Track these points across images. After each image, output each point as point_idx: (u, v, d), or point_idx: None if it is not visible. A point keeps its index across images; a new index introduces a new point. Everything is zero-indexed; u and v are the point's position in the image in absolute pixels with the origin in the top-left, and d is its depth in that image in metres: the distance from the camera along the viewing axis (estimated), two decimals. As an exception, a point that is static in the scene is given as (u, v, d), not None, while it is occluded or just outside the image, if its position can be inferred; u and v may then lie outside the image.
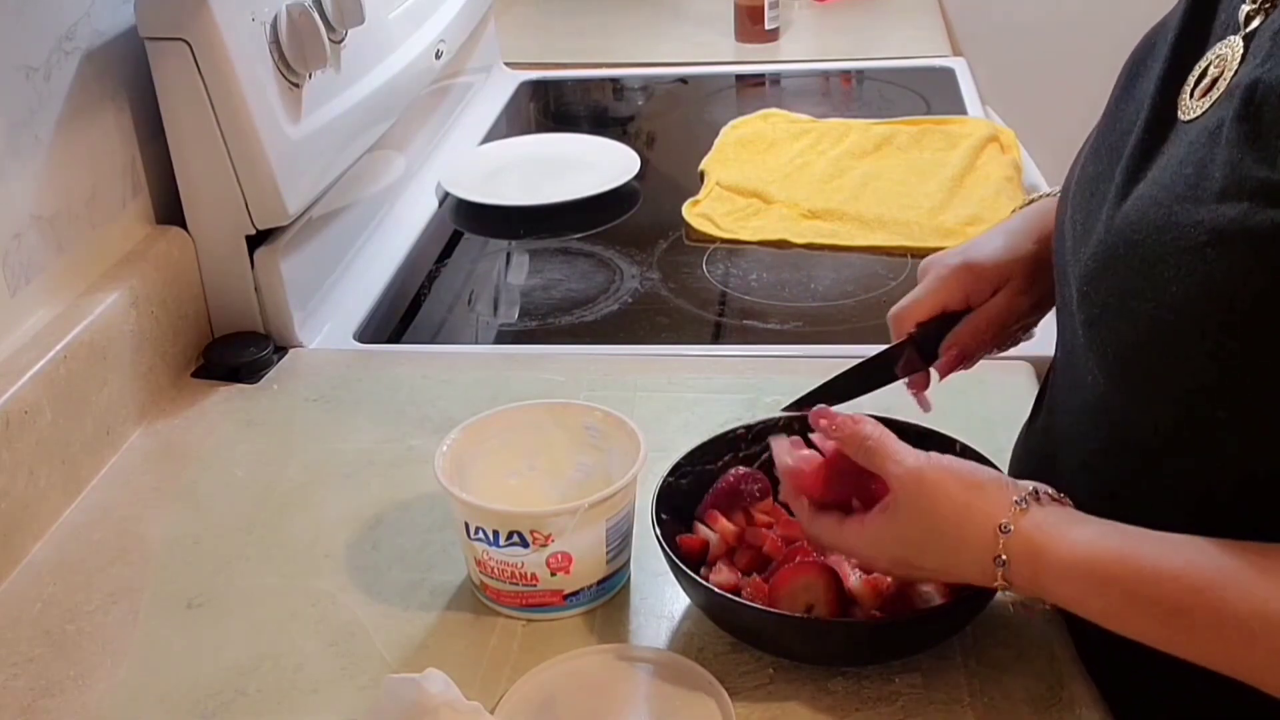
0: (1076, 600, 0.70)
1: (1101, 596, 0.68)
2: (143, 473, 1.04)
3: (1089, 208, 0.75)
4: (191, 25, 1.09)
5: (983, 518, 0.71)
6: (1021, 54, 2.38)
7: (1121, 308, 0.68)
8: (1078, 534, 0.69)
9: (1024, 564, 0.70)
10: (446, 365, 1.18)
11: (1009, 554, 0.70)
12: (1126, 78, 0.79)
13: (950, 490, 0.73)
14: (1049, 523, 0.70)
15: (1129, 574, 0.67)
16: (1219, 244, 0.63)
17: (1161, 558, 0.66)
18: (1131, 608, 0.67)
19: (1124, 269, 0.68)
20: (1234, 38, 0.69)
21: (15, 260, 0.99)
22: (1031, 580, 0.71)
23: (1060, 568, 0.69)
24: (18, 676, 0.84)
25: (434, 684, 0.70)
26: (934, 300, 0.88)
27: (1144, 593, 0.66)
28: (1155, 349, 0.66)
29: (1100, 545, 0.68)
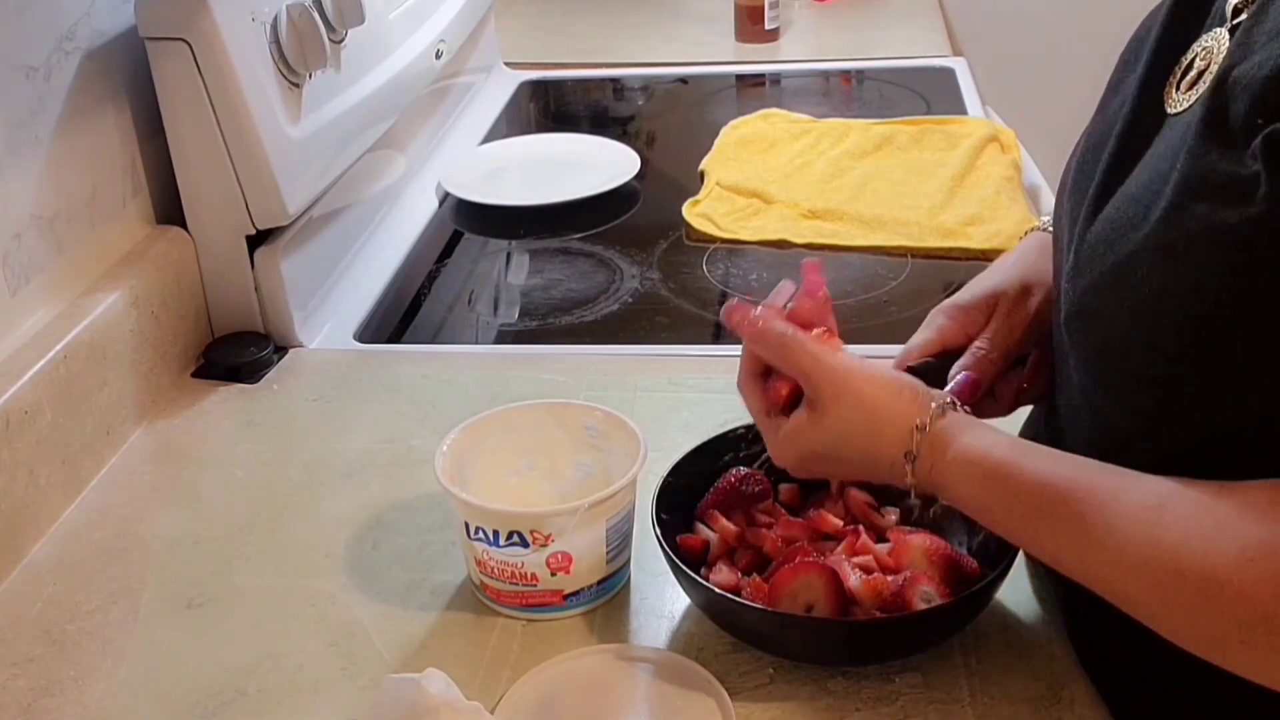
0: (963, 496, 0.74)
1: (984, 493, 0.73)
2: (143, 473, 1.04)
3: (1077, 204, 0.75)
4: (191, 25, 1.09)
5: (901, 418, 0.76)
6: (1021, 54, 2.38)
7: (1097, 305, 0.69)
8: (979, 436, 0.74)
9: (926, 459, 0.74)
10: (446, 365, 1.18)
11: (920, 450, 0.75)
12: (1119, 73, 0.79)
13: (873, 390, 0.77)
14: (957, 425, 0.75)
15: (1011, 474, 0.71)
16: (1185, 240, 0.63)
17: (1041, 464, 0.71)
18: (1006, 506, 0.71)
19: (1099, 267, 0.69)
20: (1220, 30, 0.69)
21: (15, 260, 0.99)
22: (929, 474, 0.75)
23: (955, 464, 0.73)
24: (18, 676, 0.84)
25: (434, 684, 0.71)
26: (933, 340, 0.88)
27: (1017, 492, 0.70)
28: (1128, 346, 0.67)
29: (995, 448, 0.73)
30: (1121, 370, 0.68)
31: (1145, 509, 0.65)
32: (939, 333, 0.88)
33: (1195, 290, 0.63)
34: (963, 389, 0.84)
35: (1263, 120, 0.60)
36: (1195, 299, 0.63)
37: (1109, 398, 0.70)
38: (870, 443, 0.77)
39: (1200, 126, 0.64)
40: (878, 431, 0.76)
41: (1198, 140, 0.64)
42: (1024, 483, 0.70)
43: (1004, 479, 0.71)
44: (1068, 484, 0.68)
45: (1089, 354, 0.70)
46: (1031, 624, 0.83)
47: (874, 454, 0.77)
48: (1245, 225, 0.60)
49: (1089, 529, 0.66)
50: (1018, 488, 0.70)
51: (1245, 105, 0.62)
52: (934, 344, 0.88)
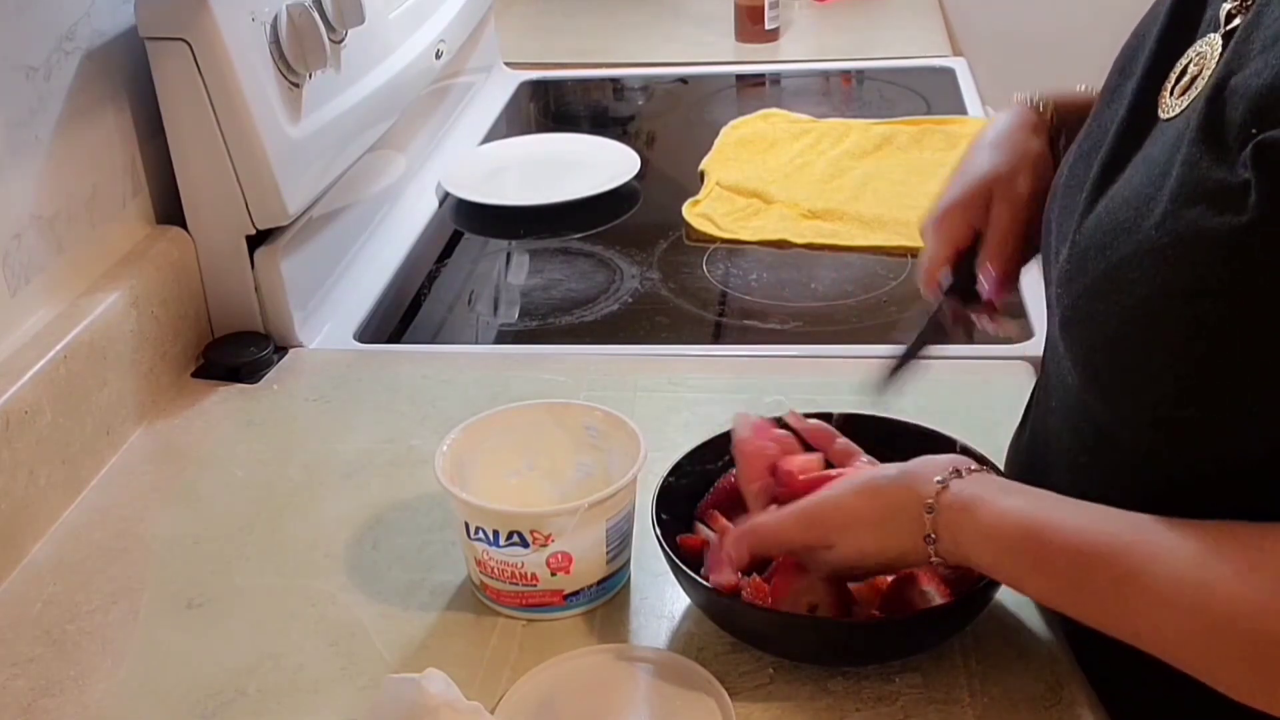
0: (993, 566, 0.72)
1: (1013, 561, 0.71)
2: (143, 473, 1.04)
3: (1069, 207, 0.75)
4: (191, 25, 1.09)
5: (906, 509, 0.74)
6: (1021, 54, 2.37)
7: (1090, 309, 0.69)
8: (994, 502, 0.72)
9: (948, 537, 0.73)
10: (446, 365, 1.18)
11: (936, 530, 0.73)
12: (1114, 79, 0.79)
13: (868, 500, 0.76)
14: (968, 494, 0.73)
15: (1038, 538, 0.69)
16: (1178, 246, 0.63)
17: (1070, 523, 0.68)
18: (1039, 572, 0.70)
19: (1092, 271, 0.69)
20: (1214, 35, 0.69)
21: (15, 260, 0.99)
22: (955, 552, 0.73)
23: (977, 536, 0.72)
24: (18, 676, 0.84)
25: (434, 684, 0.71)
26: (941, 247, 0.89)
27: (1051, 556, 0.68)
28: (1122, 351, 0.67)
29: (1014, 512, 0.71)
30: (1115, 374, 0.68)
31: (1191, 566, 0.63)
32: (948, 239, 0.89)
33: (1188, 295, 0.63)
34: (994, 286, 0.86)
35: (1256, 129, 0.61)
36: (1188, 303, 0.63)
37: (1104, 401, 0.70)
38: (890, 543, 0.75)
39: (1195, 133, 0.64)
40: (893, 532, 0.75)
41: (1192, 147, 0.64)
42: (1055, 550, 0.68)
43: (1034, 550, 0.69)
44: (1104, 546, 0.66)
45: (1083, 357, 0.70)
46: (1031, 624, 0.83)
47: (900, 551, 0.75)
48: (1237, 232, 0.60)
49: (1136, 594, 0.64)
50: (1051, 556, 0.68)
51: (1241, 113, 0.62)
52: (948, 252, 0.89)
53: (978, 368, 1.10)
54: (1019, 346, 1.13)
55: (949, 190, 0.90)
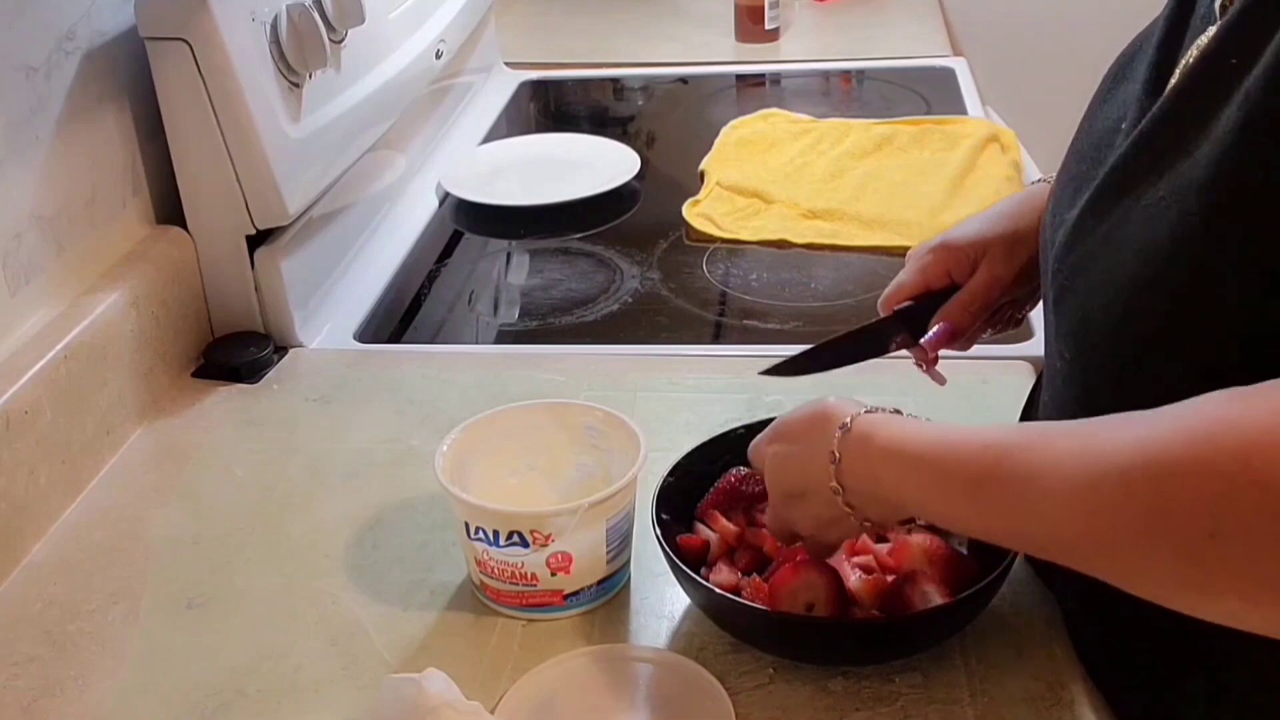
0: (898, 486, 0.70)
1: (917, 477, 0.69)
2: (143, 473, 1.04)
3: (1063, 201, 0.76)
4: (191, 25, 1.09)
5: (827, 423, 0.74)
6: (1021, 54, 2.38)
7: (1085, 275, 0.69)
8: (906, 425, 0.72)
9: (856, 455, 0.72)
10: (446, 365, 1.18)
11: (841, 450, 0.72)
12: (1110, 82, 0.79)
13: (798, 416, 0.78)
14: (881, 419, 0.73)
15: (939, 453, 0.68)
16: (1170, 197, 0.64)
17: (969, 436, 0.67)
18: (942, 486, 0.68)
19: (1089, 239, 0.69)
20: (1211, 29, 0.69)
21: (15, 260, 0.99)
22: (864, 471, 0.72)
23: (881, 453, 0.71)
24: (18, 676, 0.84)
25: (434, 684, 0.71)
26: (916, 280, 0.91)
27: (952, 468, 0.67)
28: (1111, 308, 0.67)
29: (920, 432, 0.70)
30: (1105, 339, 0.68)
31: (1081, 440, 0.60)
32: (922, 273, 0.91)
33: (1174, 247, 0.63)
34: (940, 338, 0.90)
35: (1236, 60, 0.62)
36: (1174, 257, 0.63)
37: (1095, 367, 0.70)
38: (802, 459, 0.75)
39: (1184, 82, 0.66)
40: (806, 447, 0.75)
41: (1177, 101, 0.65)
42: (958, 456, 0.67)
43: (935, 459, 0.68)
44: (1004, 444, 0.64)
45: (1076, 325, 0.70)
46: (1031, 624, 0.83)
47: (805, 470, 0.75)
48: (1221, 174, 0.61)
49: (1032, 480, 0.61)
50: (953, 463, 0.67)
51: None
52: (917, 284, 0.91)
53: (978, 368, 1.10)
54: (1019, 346, 1.13)
55: (958, 228, 0.92)
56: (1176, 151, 0.65)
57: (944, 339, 0.91)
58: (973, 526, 0.68)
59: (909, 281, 0.92)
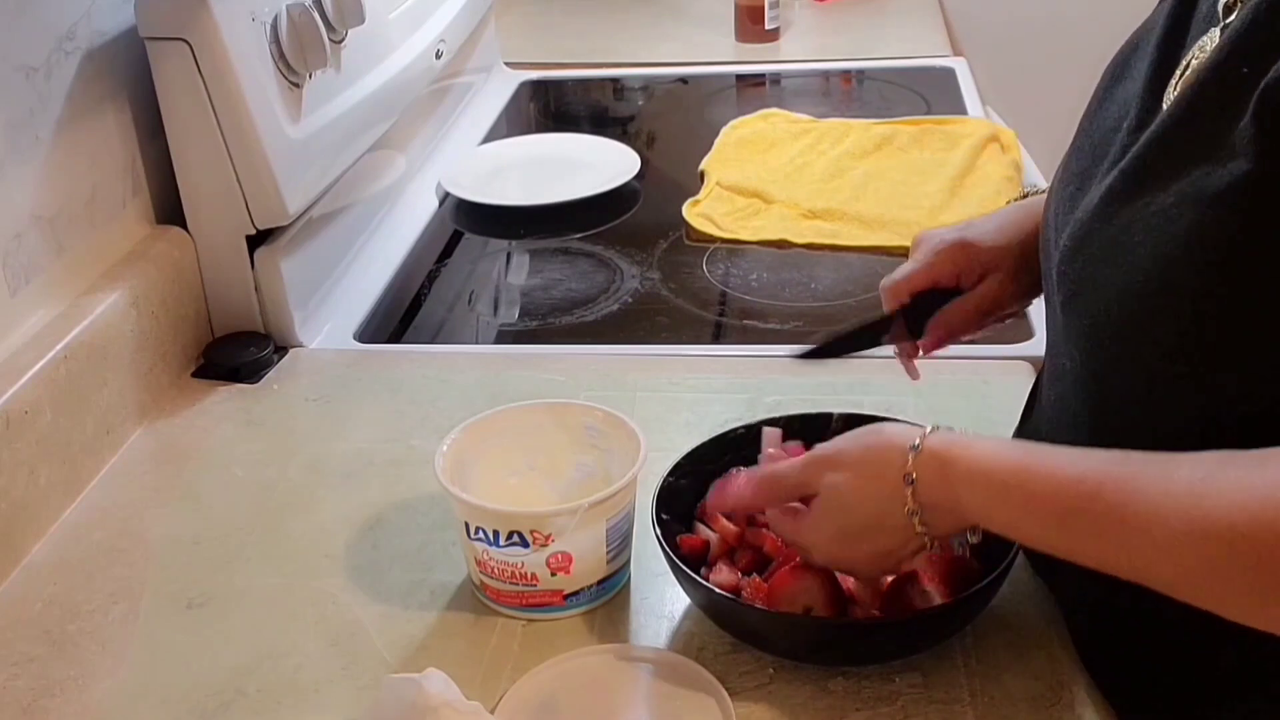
0: (984, 508, 0.70)
1: (1005, 502, 0.69)
2: (143, 473, 1.04)
3: (1065, 198, 0.76)
4: (192, 25, 1.09)
5: (891, 449, 0.73)
6: (1021, 54, 2.38)
7: (1095, 279, 0.69)
8: (982, 445, 0.71)
9: (934, 477, 0.71)
10: (446, 365, 1.18)
11: (918, 471, 0.71)
12: (1109, 80, 0.79)
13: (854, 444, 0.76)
14: (954, 438, 0.72)
15: (1027, 475, 0.67)
16: (1183, 204, 0.64)
17: (1059, 460, 0.67)
18: (1031, 513, 0.67)
19: (1097, 242, 0.69)
20: (1213, 30, 0.69)
21: (15, 260, 0.99)
22: (943, 493, 0.71)
23: (967, 476, 0.70)
24: (18, 676, 0.84)
25: (434, 684, 0.71)
26: (927, 274, 0.91)
27: (1043, 496, 0.67)
28: (1124, 313, 0.67)
29: (1004, 453, 0.70)
30: (1120, 339, 0.68)
31: (1187, 486, 0.61)
32: (932, 269, 0.90)
33: (1189, 254, 0.63)
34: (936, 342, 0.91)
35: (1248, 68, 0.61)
36: (1189, 263, 0.63)
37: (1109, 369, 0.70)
38: (872, 489, 0.73)
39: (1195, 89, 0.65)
40: (874, 475, 0.73)
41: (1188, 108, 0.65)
42: (1050, 483, 0.66)
43: (1026, 484, 0.67)
44: (1098, 476, 0.64)
45: (1088, 328, 0.70)
46: (1031, 624, 0.83)
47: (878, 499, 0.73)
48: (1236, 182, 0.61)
49: (1131, 519, 0.62)
50: (1044, 490, 0.66)
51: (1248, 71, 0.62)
52: (925, 280, 0.91)
53: (978, 368, 1.10)
54: (1019, 346, 1.13)
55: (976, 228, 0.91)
56: (1186, 160, 0.65)
57: (939, 344, 0.92)
58: (1062, 553, 0.67)
59: (917, 274, 0.91)
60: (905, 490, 0.71)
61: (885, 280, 0.93)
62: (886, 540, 0.74)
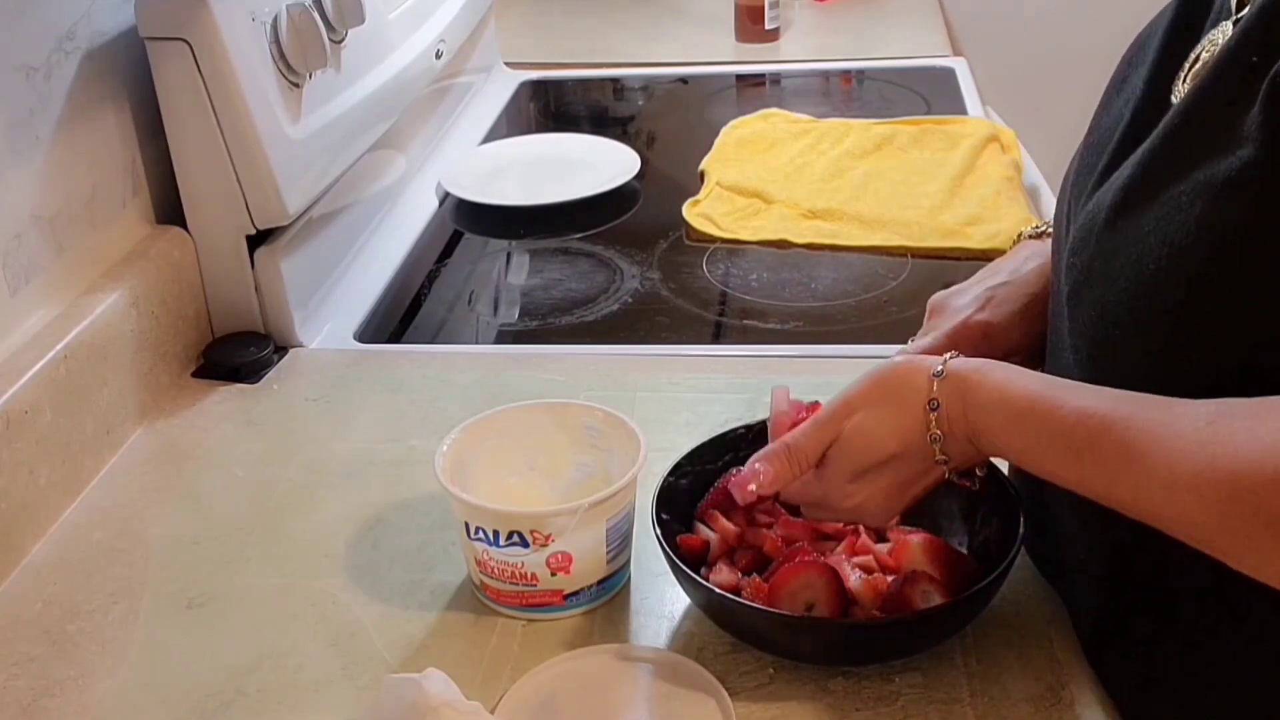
0: (1001, 434, 0.71)
1: (1022, 429, 0.70)
2: (143, 473, 1.04)
3: (1079, 193, 0.76)
4: (192, 25, 1.09)
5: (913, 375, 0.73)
6: (1021, 54, 2.38)
7: (1104, 269, 0.69)
8: (1004, 372, 0.72)
9: (955, 402, 0.72)
10: (446, 365, 1.18)
11: (941, 395, 0.72)
12: (1122, 73, 0.79)
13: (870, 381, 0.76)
14: (976, 364, 0.73)
15: (1047, 404, 0.68)
16: (1193, 193, 0.64)
17: (1078, 393, 0.68)
18: (1049, 440, 0.68)
19: (1107, 232, 0.69)
20: (1225, 23, 0.69)
21: (15, 260, 0.99)
22: (963, 419, 0.72)
23: (986, 402, 0.71)
24: (18, 676, 0.84)
25: (434, 684, 0.71)
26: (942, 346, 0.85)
27: (1055, 426, 0.67)
28: (1133, 304, 0.67)
29: (1024, 381, 0.71)
30: (1124, 334, 0.68)
31: (1195, 428, 0.61)
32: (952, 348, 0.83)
33: (1199, 243, 0.63)
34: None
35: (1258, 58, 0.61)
36: (1199, 252, 0.63)
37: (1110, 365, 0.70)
38: (895, 419, 0.74)
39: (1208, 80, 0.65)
40: (897, 404, 0.74)
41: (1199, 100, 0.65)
42: (1065, 415, 0.67)
43: (1043, 414, 0.68)
44: (1111, 413, 0.65)
45: (1094, 319, 0.70)
46: (1031, 624, 0.83)
47: (901, 427, 0.73)
48: (1245, 169, 0.61)
49: (1139, 456, 0.63)
50: (1060, 421, 0.67)
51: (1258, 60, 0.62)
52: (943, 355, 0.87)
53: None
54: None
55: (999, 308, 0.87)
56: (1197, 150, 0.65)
57: None
58: (1071, 485, 0.68)
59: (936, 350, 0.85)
60: (929, 416, 0.72)
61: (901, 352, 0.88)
62: (906, 469, 0.75)
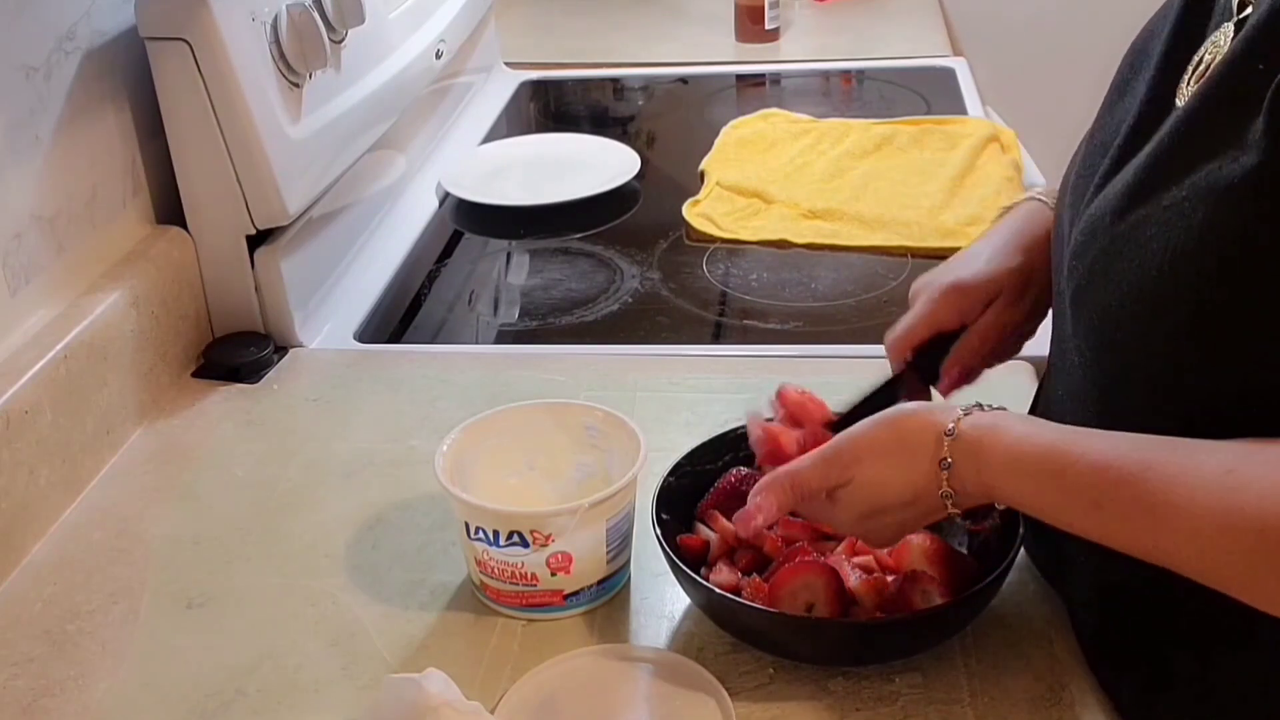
0: (1017, 493, 0.71)
1: (1038, 487, 0.69)
2: (143, 473, 1.04)
3: (1081, 193, 0.76)
4: (192, 25, 1.09)
5: (924, 432, 0.73)
6: (1021, 54, 2.37)
7: (1106, 272, 0.69)
8: (1016, 429, 0.71)
9: (968, 464, 0.71)
10: (446, 365, 1.18)
11: (953, 456, 0.72)
12: (1124, 75, 0.79)
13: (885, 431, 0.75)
14: (988, 422, 0.72)
15: (1062, 458, 0.68)
16: (1195, 198, 0.64)
17: (1093, 444, 0.68)
18: (1066, 497, 0.68)
19: (1109, 235, 0.69)
20: (1227, 25, 0.69)
21: (15, 260, 0.99)
22: (976, 479, 0.71)
23: (1000, 461, 0.70)
24: (18, 676, 0.84)
25: (434, 684, 0.71)
26: (927, 324, 0.88)
27: (1074, 477, 0.67)
28: (1136, 308, 0.67)
29: (1037, 438, 0.70)
30: (1130, 332, 0.68)
31: (1216, 477, 0.62)
32: (933, 316, 0.88)
33: (1201, 248, 0.63)
34: (953, 384, 0.88)
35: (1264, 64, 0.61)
36: (1201, 257, 0.63)
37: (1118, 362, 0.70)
38: (905, 474, 0.74)
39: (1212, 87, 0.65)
40: (908, 460, 0.73)
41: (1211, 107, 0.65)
42: (1082, 470, 0.67)
43: (1059, 470, 0.68)
44: (1129, 464, 0.65)
45: (1098, 321, 0.70)
46: (1031, 624, 0.83)
47: (913, 482, 0.73)
48: (1248, 175, 0.61)
49: (1161, 508, 0.63)
50: (1077, 476, 0.67)
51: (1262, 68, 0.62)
52: (928, 327, 0.89)
53: (978, 368, 1.10)
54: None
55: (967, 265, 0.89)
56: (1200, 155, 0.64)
57: (956, 384, 0.89)
58: (1091, 535, 0.68)
59: (919, 324, 0.89)
60: (940, 475, 0.72)
61: (887, 337, 0.90)
62: (915, 514, 0.76)
